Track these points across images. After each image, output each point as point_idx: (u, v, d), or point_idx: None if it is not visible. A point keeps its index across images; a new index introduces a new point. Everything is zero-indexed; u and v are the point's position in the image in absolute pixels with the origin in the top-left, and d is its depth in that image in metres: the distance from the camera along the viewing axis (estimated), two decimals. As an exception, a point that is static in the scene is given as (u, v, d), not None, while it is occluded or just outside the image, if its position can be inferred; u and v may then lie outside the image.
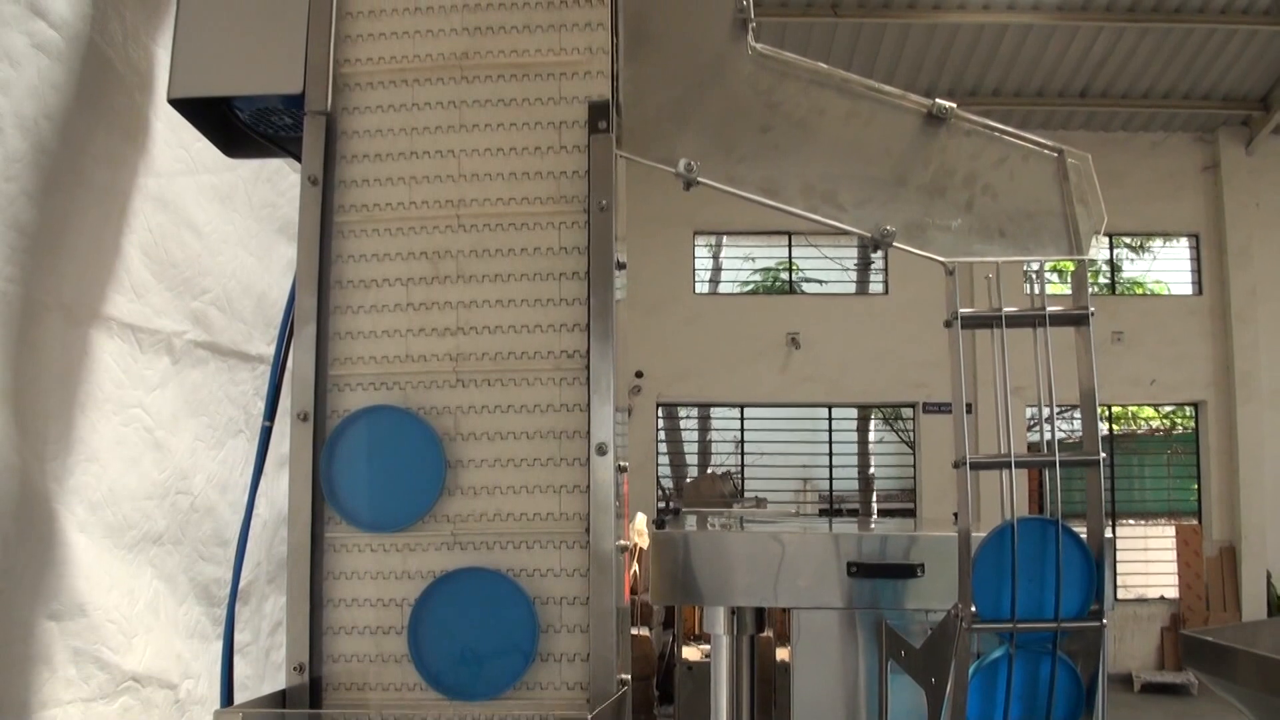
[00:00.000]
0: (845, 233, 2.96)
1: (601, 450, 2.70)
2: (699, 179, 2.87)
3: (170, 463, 3.68)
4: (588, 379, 2.74)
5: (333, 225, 2.87)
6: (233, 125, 3.22)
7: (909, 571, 3.52)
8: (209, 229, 3.92)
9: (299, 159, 2.93)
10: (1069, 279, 2.94)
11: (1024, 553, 2.80)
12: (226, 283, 4.03)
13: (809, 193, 2.91)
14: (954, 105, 2.95)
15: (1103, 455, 2.86)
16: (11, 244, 2.83)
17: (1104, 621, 2.81)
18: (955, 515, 3.55)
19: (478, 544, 2.73)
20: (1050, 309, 2.88)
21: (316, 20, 2.94)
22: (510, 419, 2.76)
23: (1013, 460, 2.81)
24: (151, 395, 3.58)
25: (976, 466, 2.85)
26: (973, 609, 2.78)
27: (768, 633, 4.67)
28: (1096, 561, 2.83)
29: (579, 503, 2.72)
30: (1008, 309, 2.87)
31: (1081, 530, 2.87)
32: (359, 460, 2.76)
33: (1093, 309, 2.88)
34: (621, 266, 2.90)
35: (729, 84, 2.95)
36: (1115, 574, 3.57)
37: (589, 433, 2.71)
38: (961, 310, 2.86)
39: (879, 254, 2.95)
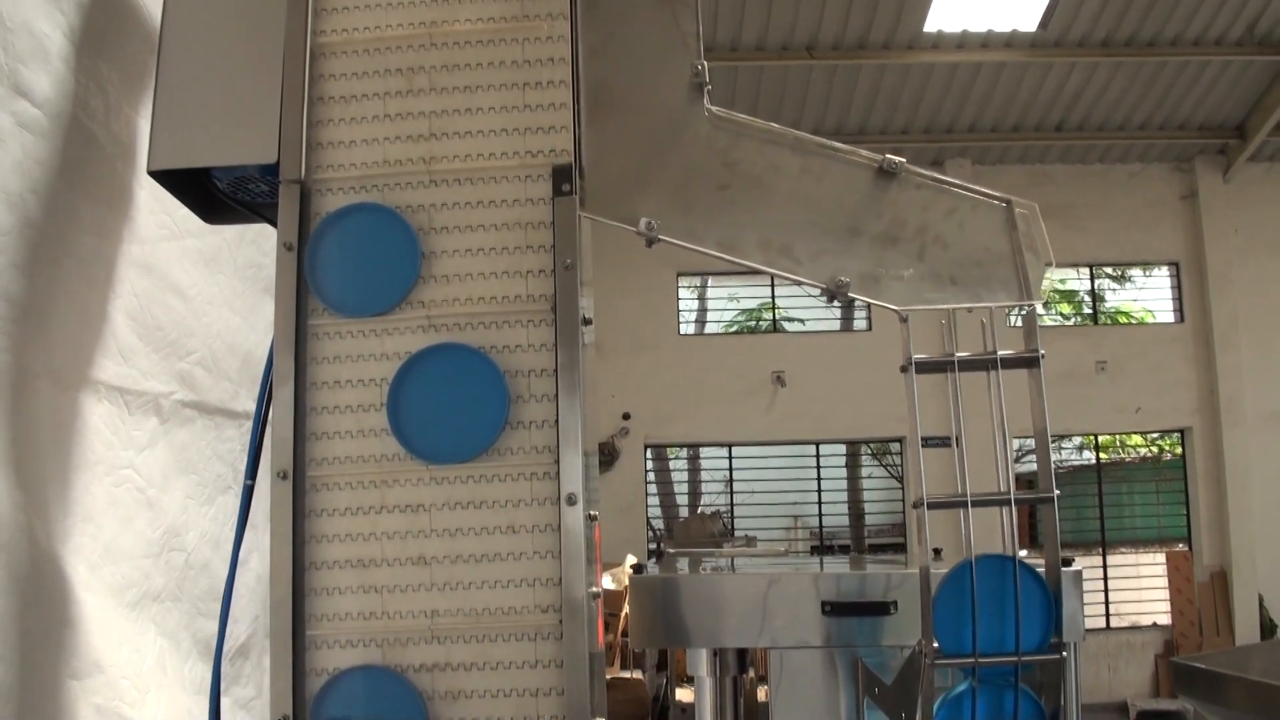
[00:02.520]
0: (804, 284, 3.07)
1: (571, 500, 2.79)
2: (660, 236, 2.99)
3: (163, 521, 3.76)
4: (556, 431, 2.83)
5: (308, 289, 2.97)
6: (211, 193, 3.34)
7: (882, 609, 3.61)
8: (194, 291, 4.02)
9: (275, 224, 3.04)
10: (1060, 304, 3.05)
11: (984, 589, 2.90)
12: (212, 343, 4.12)
13: (766, 247, 3.03)
14: (904, 160, 3.08)
15: (1056, 492, 2.96)
16: (2, 314, 2.92)
17: (1064, 654, 2.91)
18: (935, 551, 3.65)
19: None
20: (1002, 353, 3.00)
21: (290, 91, 3.05)
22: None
23: (968, 499, 2.91)
24: (141, 455, 3.67)
25: (934, 506, 2.95)
26: (935, 645, 2.87)
27: (751, 673, 4.74)
28: (1055, 595, 2.92)
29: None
30: (961, 354, 2.99)
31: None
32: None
33: (1042, 352, 2.99)
34: (588, 322, 3.01)
35: (687, 145, 3.07)
36: (1082, 605, 3.63)
37: (558, 483, 2.81)
38: (916, 356, 2.98)
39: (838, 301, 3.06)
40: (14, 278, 2.97)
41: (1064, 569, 3.06)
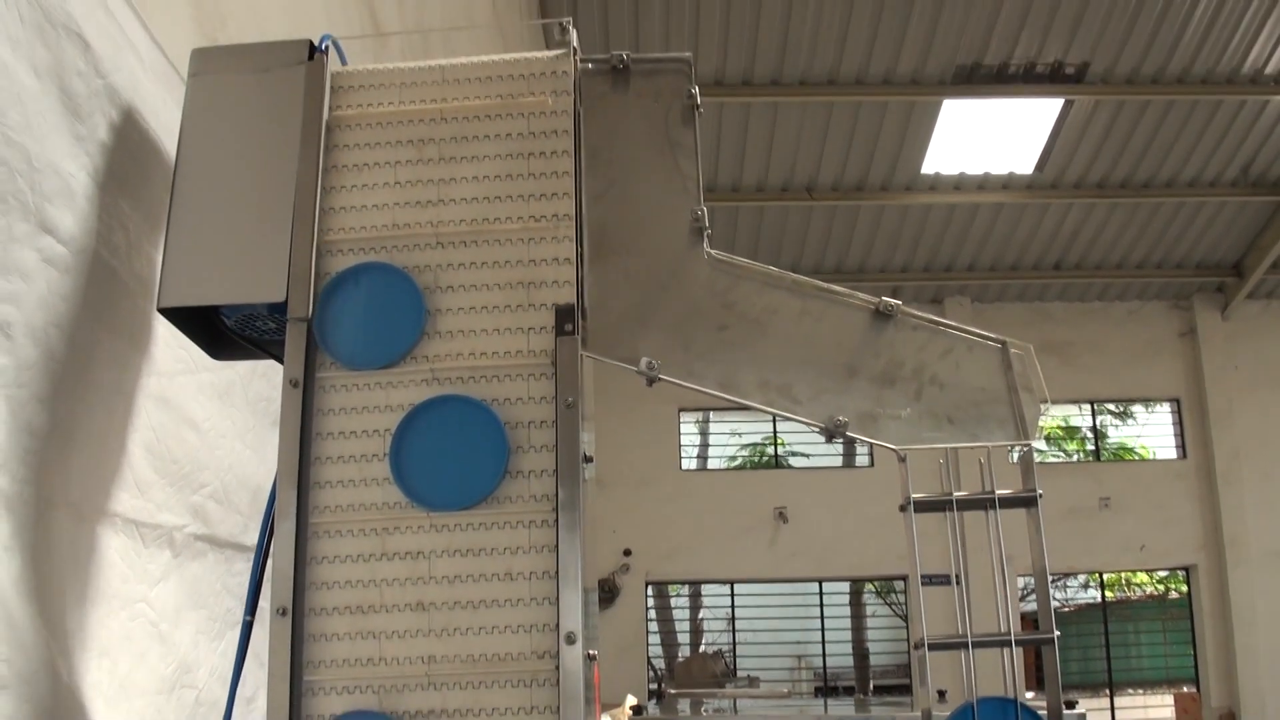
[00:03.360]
0: (804, 423, 3.11)
1: (570, 639, 2.78)
2: (660, 375, 3.03)
3: (175, 656, 3.73)
4: (557, 570, 2.84)
5: (313, 425, 3.00)
6: (219, 329, 3.39)
7: (884, 754, 3.56)
8: (207, 425, 4.05)
9: (281, 360, 3.09)
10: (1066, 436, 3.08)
11: (985, 733, 2.87)
12: (224, 476, 4.14)
13: (765, 387, 3.07)
14: (900, 303, 3.13)
15: (1057, 634, 2.94)
16: (25, 446, 2.95)
17: (1068, 801, 2.87)
18: (940, 693, 3.62)
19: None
20: (1000, 492, 3.02)
21: (299, 230, 3.13)
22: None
23: (969, 640, 2.90)
24: (155, 589, 3.66)
25: (935, 648, 2.94)
26: (936, 792, 2.84)
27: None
28: (1057, 738, 2.89)
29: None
30: (959, 494, 3.01)
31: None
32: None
33: (1040, 491, 3.01)
34: (588, 459, 3.03)
35: (687, 287, 3.13)
36: (1089, 749, 3.62)
37: (558, 622, 2.80)
38: (915, 495, 3.00)
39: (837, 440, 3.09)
40: (36, 410, 3.00)
41: (1068, 711, 3.03)
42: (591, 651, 2.88)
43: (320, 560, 2.91)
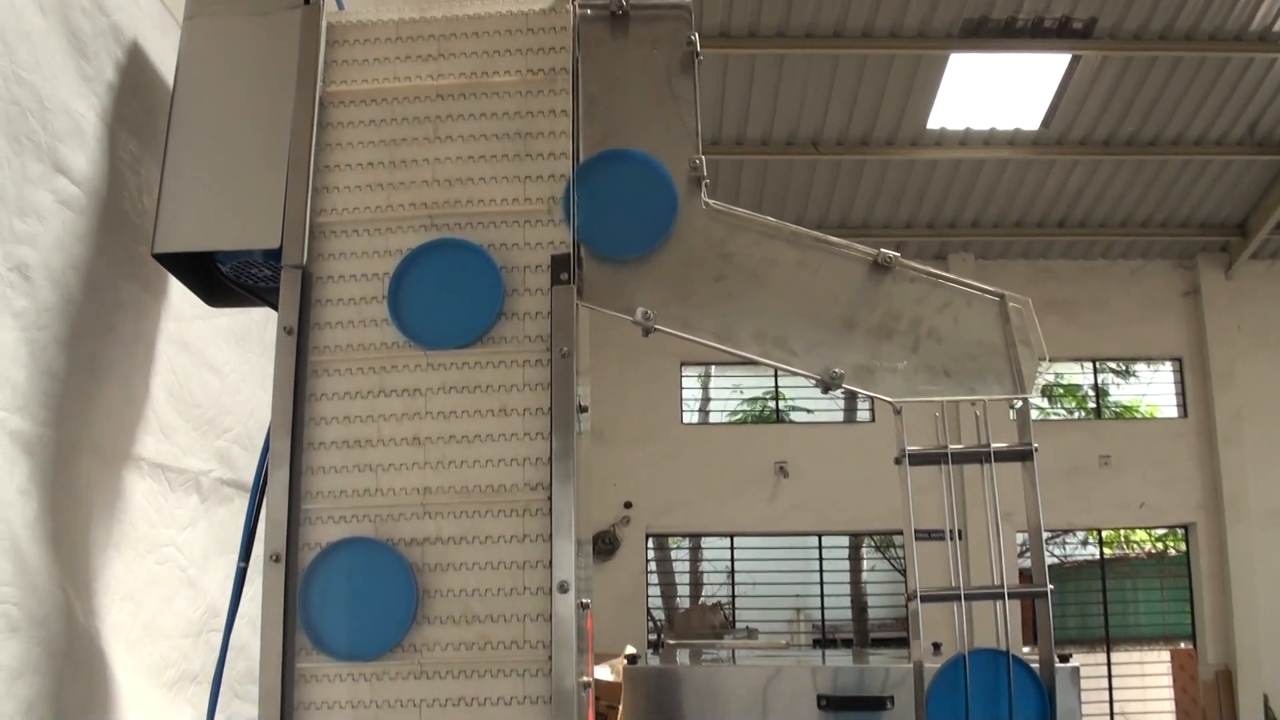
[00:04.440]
0: (799, 375, 3.10)
1: (563, 588, 2.79)
2: (656, 326, 3.02)
3: (203, 601, 3.74)
4: (550, 518, 2.84)
5: (308, 370, 3.00)
6: (214, 277, 3.37)
7: (879, 704, 3.58)
8: (228, 369, 4.06)
9: (277, 308, 3.07)
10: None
11: (978, 683, 2.88)
12: (246, 421, 4.14)
13: (761, 338, 3.06)
14: (898, 254, 3.11)
15: (1050, 587, 2.95)
16: (46, 389, 2.95)
17: (1058, 752, 2.88)
18: (935, 645, 3.63)
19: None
20: (995, 446, 3.01)
21: (294, 177, 3.11)
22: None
23: (962, 593, 2.91)
24: (183, 534, 3.68)
25: (928, 599, 2.94)
26: (928, 741, 2.85)
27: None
28: (1048, 690, 2.90)
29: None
30: (954, 446, 3.00)
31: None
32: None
33: (1036, 445, 3.00)
34: (583, 410, 3.03)
35: (685, 237, 3.11)
36: (1080, 702, 3.62)
37: (551, 570, 2.81)
38: (910, 448, 3.00)
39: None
40: (56, 353, 3.00)
41: (1061, 665, 3.04)
42: (584, 600, 2.89)
43: (319, 397, 2.99)
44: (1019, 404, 3.06)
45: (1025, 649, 3.00)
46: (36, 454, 2.90)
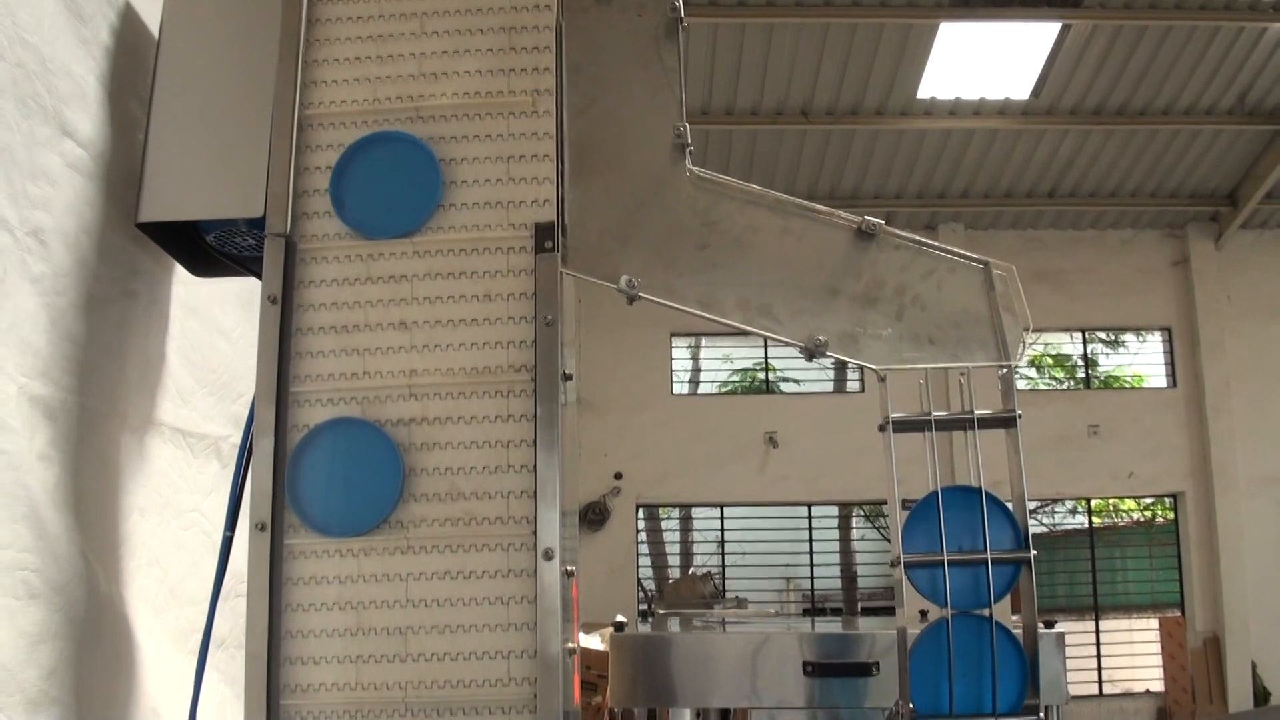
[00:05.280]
0: (783, 343, 3.10)
1: (548, 555, 2.80)
2: (640, 294, 3.02)
3: (229, 567, 3.76)
4: (535, 485, 2.85)
5: (292, 340, 3.00)
6: (199, 246, 3.37)
7: (865, 670, 3.60)
8: (236, 333, 4.06)
9: (260, 278, 3.07)
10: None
11: (960, 648, 2.90)
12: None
13: (745, 306, 3.06)
14: (882, 222, 3.12)
15: (1034, 553, 2.96)
16: (67, 355, 2.95)
17: (1040, 715, 2.90)
18: (922, 613, 3.66)
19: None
20: (979, 412, 3.02)
21: (278, 146, 3.10)
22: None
23: (945, 559, 2.92)
24: (207, 500, 3.69)
25: (911, 565, 2.96)
26: (910, 705, 2.87)
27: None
28: (1030, 654, 2.92)
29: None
30: (938, 413, 3.01)
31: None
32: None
33: (1019, 412, 3.01)
34: (568, 378, 3.03)
35: (669, 205, 3.11)
36: (1065, 667, 3.65)
37: (535, 538, 2.82)
38: (893, 415, 3.01)
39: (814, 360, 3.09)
40: (76, 319, 3.00)
41: (1045, 631, 3.06)
42: (569, 568, 2.90)
43: (307, 284, 3.04)
44: (1003, 371, 3.06)
45: (1014, 618, 3.02)
46: (59, 419, 2.90)
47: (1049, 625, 3.39)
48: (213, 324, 3.84)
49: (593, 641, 9.13)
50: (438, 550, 2.87)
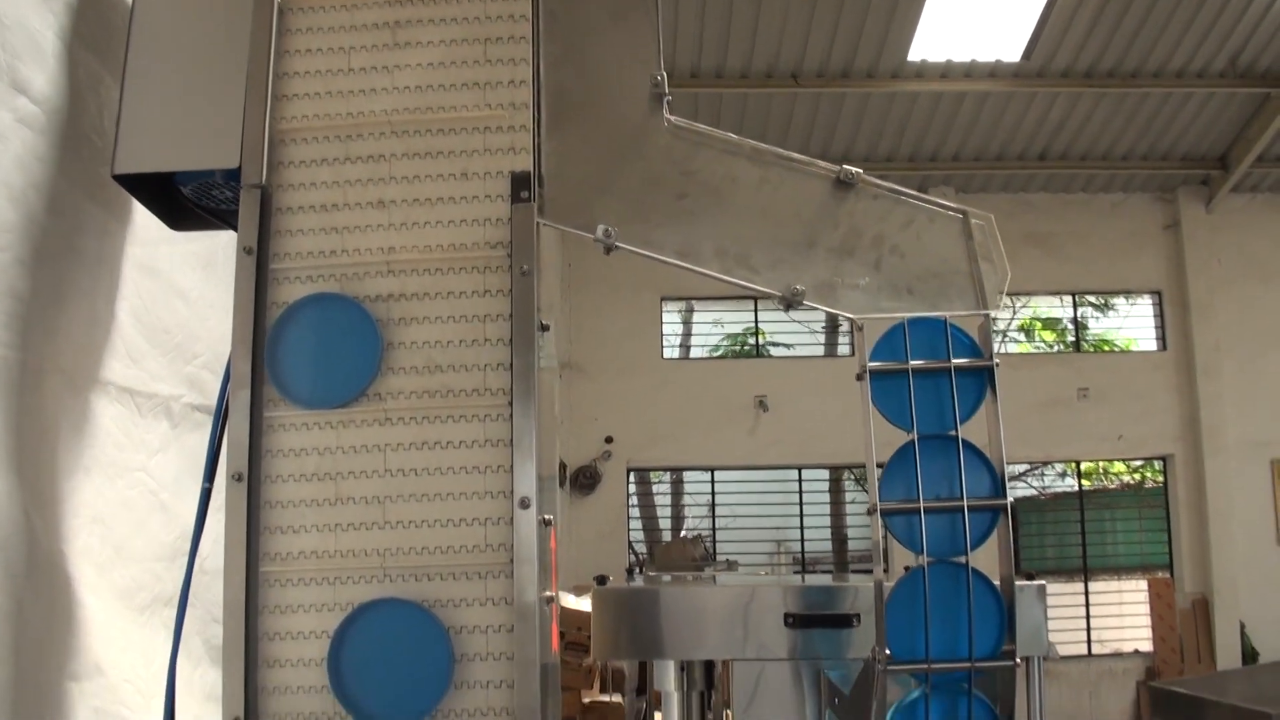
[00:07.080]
0: (761, 294, 3.09)
1: (524, 504, 2.80)
2: (618, 244, 3.01)
3: (177, 525, 3.75)
4: (511, 437, 2.85)
5: (269, 286, 2.99)
6: (176, 199, 3.35)
7: (845, 621, 3.60)
8: (195, 294, 4.04)
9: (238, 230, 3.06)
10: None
11: (937, 595, 2.90)
12: (216, 346, 4.13)
13: (723, 255, 3.06)
14: (860, 171, 3.11)
15: (1010, 500, 2.96)
16: (8, 311, 2.94)
17: (1016, 662, 2.91)
18: (906, 568, 3.66)
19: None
20: (956, 361, 3.01)
21: (253, 95, 3.08)
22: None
23: (921, 506, 2.92)
24: (154, 459, 3.68)
25: (888, 512, 2.96)
26: (888, 651, 2.88)
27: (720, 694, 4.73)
28: (1007, 603, 2.93)
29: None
30: (915, 361, 3.00)
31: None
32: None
33: (997, 361, 3.00)
34: (544, 328, 3.03)
35: (646, 154, 3.10)
36: (1046, 619, 3.68)
37: (512, 488, 2.82)
38: (870, 363, 3.00)
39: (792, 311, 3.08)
40: (20, 274, 2.99)
41: (1027, 583, 3.06)
42: (547, 517, 2.91)
43: (286, 164, 3.08)
44: (981, 320, 3.06)
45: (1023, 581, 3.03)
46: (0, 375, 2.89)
47: (1029, 578, 3.40)
48: (169, 284, 3.82)
49: (584, 605, 9.16)
50: (415, 421, 2.92)
